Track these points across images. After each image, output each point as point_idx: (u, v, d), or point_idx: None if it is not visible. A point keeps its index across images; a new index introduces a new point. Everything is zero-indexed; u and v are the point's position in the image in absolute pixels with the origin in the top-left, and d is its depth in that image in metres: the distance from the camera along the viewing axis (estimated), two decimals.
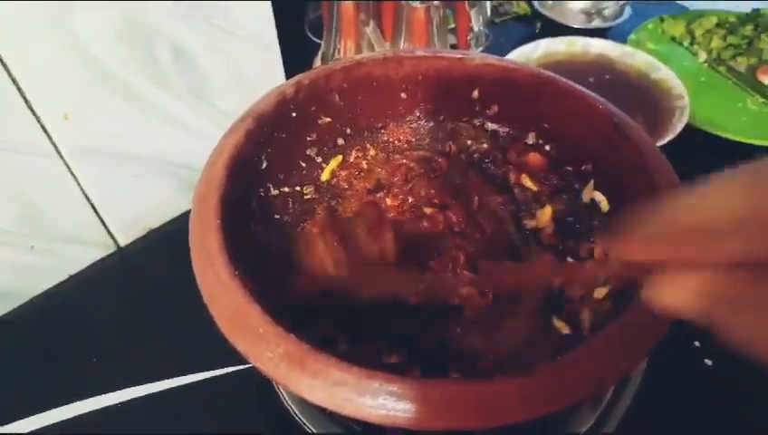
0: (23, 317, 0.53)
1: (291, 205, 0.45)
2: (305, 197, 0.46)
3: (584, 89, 0.44)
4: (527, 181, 0.46)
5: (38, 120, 0.46)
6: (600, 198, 0.43)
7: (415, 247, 0.42)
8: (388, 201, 0.47)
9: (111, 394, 0.46)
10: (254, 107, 0.41)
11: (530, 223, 0.44)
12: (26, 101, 0.45)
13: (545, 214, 0.43)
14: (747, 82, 0.75)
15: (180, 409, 0.46)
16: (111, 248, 0.59)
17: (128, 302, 0.55)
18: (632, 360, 0.30)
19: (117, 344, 0.51)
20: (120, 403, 0.45)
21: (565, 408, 0.28)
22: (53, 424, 0.45)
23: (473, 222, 0.44)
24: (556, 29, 0.86)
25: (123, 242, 0.59)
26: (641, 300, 0.22)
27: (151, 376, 0.47)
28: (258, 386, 0.46)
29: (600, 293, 0.38)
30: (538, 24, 0.90)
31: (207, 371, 0.47)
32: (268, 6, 0.56)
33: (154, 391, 0.46)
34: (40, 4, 0.42)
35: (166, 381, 0.47)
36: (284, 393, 0.43)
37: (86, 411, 0.45)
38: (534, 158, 0.47)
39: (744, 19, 0.82)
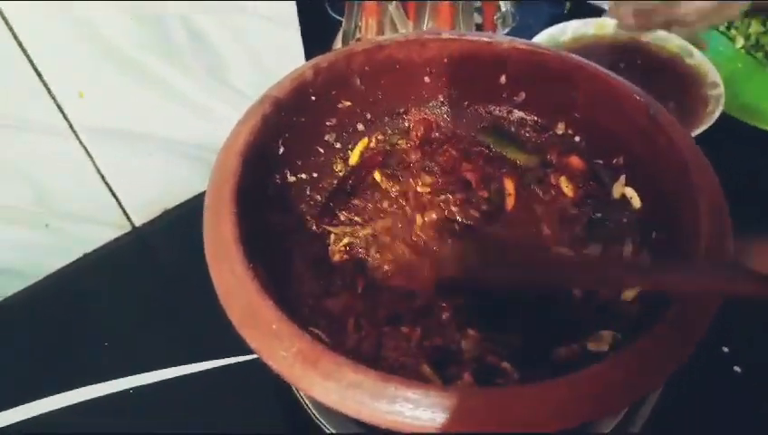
0: (37, 295, 0.53)
1: (308, 192, 0.44)
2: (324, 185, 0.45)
3: (618, 77, 0.42)
4: (565, 185, 0.44)
5: (53, 98, 0.46)
6: (632, 193, 0.41)
7: None
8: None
9: (123, 379, 0.46)
10: (271, 91, 0.40)
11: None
12: (42, 79, 0.44)
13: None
14: None
15: (193, 397, 0.45)
16: (126, 228, 0.58)
17: (142, 282, 0.54)
18: (668, 368, 0.28)
19: (130, 326, 0.50)
20: (131, 389, 0.45)
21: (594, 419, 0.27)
22: (65, 407, 0.44)
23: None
24: (586, 9, 0.82)
25: (138, 222, 0.59)
26: None
27: (164, 362, 0.46)
28: (274, 376, 0.45)
29: (628, 295, 0.36)
30: (567, 4, 0.86)
31: (222, 358, 0.47)
32: None
33: (166, 378, 0.46)
34: None
35: (179, 367, 0.46)
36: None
37: (96, 396, 0.45)
38: (575, 160, 0.45)
39: None
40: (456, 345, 0.35)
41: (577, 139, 0.45)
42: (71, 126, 0.48)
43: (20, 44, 0.42)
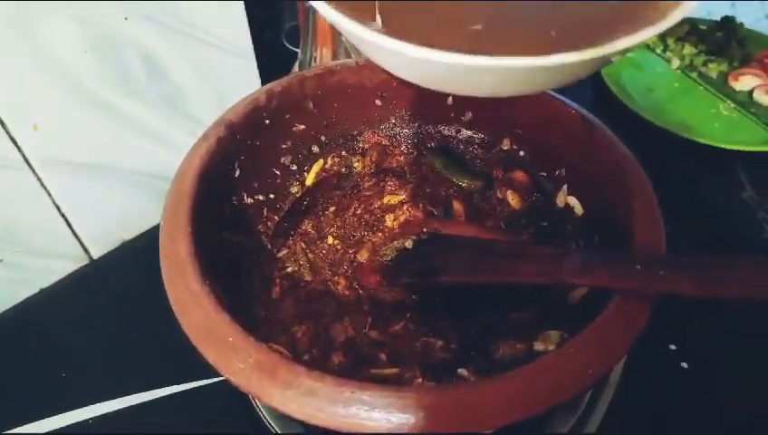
0: None
1: (265, 213, 0.45)
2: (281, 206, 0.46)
3: (557, 95, 0.44)
4: (512, 198, 0.46)
5: (6, 131, 0.46)
6: (574, 202, 0.44)
7: None
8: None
9: (83, 409, 0.45)
10: (226, 114, 0.41)
11: None
12: None
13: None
14: (719, 87, 0.76)
15: (155, 423, 0.45)
16: (84, 261, 0.58)
17: (101, 315, 0.54)
18: (611, 358, 0.30)
19: (89, 358, 0.49)
20: (91, 419, 0.44)
21: (544, 411, 0.28)
22: None
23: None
24: None
25: (96, 254, 0.58)
26: None
27: (124, 390, 0.46)
28: (235, 398, 0.45)
29: (575, 296, 0.38)
30: None
31: (182, 383, 0.46)
32: (242, 14, 0.56)
33: (127, 406, 0.45)
34: (5, 16, 0.41)
35: (139, 394, 0.46)
36: (262, 410, 0.43)
37: (56, 428, 0.44)
38: (520, 175, 0.47)
39: (715, 27, 0.84)
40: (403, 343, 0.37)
41: (521, 153, 0.48)
42: (25, 159, 0.48)
43: None
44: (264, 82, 0.62)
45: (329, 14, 0.29)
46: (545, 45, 0.26)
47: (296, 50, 0.73)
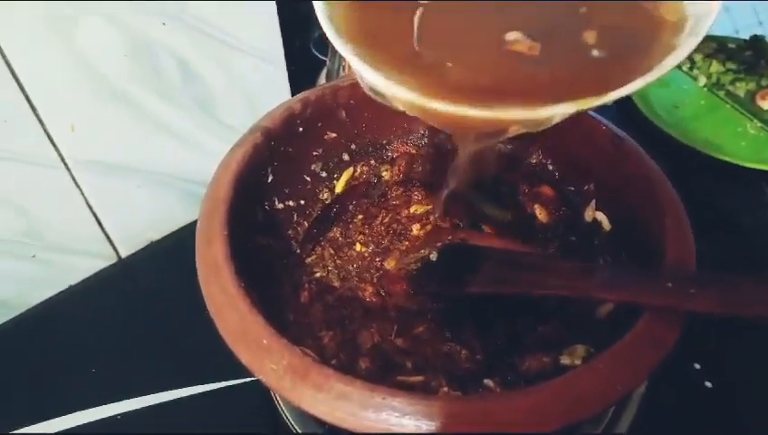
0: (22, 326, 0.53)
1: (295, 219, 0.46)
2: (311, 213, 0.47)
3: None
4: (539, 211, 0.47)
5: (46, 131, 0.47)
6: (602, 217, 0.44)
7: None
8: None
9: (110, 405, 0.46)
10: (262, 121, 0.42)
11: None
12: (35, 112, 0.46)
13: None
14: (746, 106, 0.75)
15: (177, 422, 0.45)
16: (113, 259, 0.59)
17: (128, 313, 0.55)
18: (640, 375, 0.30)
19: (116, 355, 0.50)
20: (118, 415, 0.45)
21: (571, 425, 0.28)
22: (55, 434, 0.44)
23: None
24: None
25: (125, 253, 0.59)
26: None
27: (150, 388, 0.47)
28: (261, 399, 0.46)
29: (602, 311, 0.38)
30: None
31: (207, 383, 0.47)
32: (275, 22, 0.57)
33: (152, 404, 0.46)
34: (48, 19, 0.42)
35: (164, 393, 0.47)
36: (284, 410, 0.43)
37: (84, 422, 0.45)
38: (546, 189, 0.47)
39: (744, 45, 0.83)
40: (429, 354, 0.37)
41: (550, 167, 0.48)
42: (62, 158, 0.49)
43: (16, 79, 0.43)
44: (292, 89, 0.63)
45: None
46: (539, 96, 0.28)
47: (324, 58, 0.74)
